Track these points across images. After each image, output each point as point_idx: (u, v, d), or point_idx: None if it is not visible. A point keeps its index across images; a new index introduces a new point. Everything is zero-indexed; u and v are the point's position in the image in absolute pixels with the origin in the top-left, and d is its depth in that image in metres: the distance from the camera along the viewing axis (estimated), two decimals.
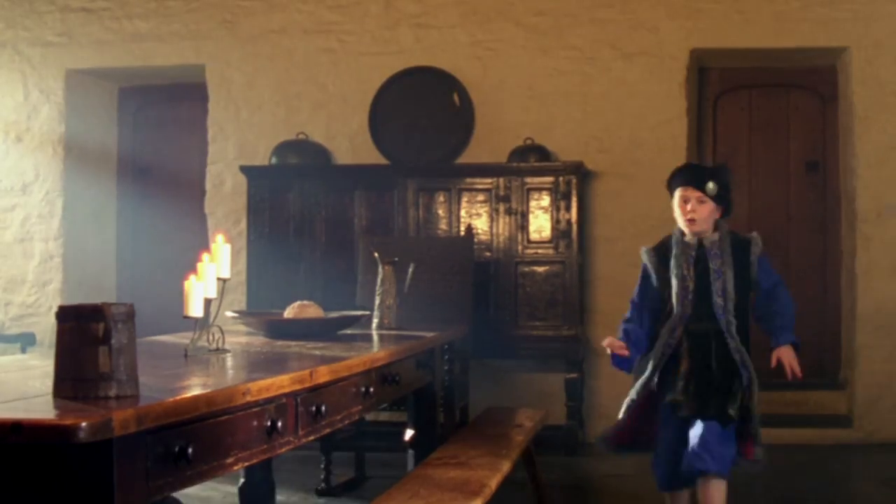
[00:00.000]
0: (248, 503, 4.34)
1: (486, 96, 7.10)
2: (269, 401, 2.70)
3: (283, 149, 7.03)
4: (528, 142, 6.83)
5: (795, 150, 7.40)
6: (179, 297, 3.25)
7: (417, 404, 4.59)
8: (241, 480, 4.35)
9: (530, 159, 6.74)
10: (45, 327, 7.51)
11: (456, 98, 7.10)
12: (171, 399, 2.22)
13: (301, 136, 7.11)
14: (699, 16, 6.97)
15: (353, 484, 5.70)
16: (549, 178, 6.64)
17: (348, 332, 4.30)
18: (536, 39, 7.08)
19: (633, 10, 7.01)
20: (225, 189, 7.40)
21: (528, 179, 6.65)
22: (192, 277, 3.35)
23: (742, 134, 7.45)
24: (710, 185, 4.14)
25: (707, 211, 4.17)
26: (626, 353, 4.12)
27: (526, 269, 6.62)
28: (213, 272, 3.42)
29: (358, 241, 6.40)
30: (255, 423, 2.65)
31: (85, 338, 2.21)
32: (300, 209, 6.84)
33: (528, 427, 4.39)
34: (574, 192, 6.61)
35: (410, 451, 4.62)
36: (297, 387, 2.83)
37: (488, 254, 6.62)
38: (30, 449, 1.97)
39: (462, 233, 6.56)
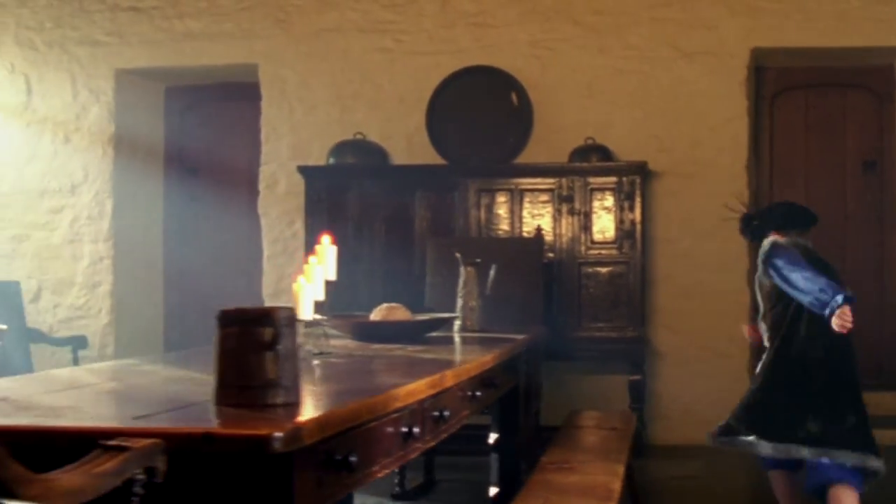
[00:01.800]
0: None
1: (545, 96, 7.03)
2: (407, 406, 2.65)
3: (340, 148, 6.97)
4: (590, 141, 6.76)
5: (852, 150, 7.33)
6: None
7: (502, 407, 4.53)
8: None
9: (592, 159, 6.68)
10: (96, 330, 7.47)
11: (514, 98, 7.03)
12: (342, 408, 2.16)
13: (358, 136, 7.05)
14: (760, 14, 6.90)
15: (424, 488, 5.64)
16: (613, 178, 6.58)
17: (431, 335, 4.25)
18: (595, 38, 7.01)
19: (692, 8, 6.94)
20: (279, 189, 7.34)
21: (591, 179, 6.58)
22: (300, 279, 3.31)
23: (798, 133, 7.37)
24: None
25: None
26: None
27: (589, 269, 6.55)
28: (322, 274, 3.38)
29: (418, 242, 6.35)
30: (392, 429, 2.60)
31: (250, 343, 2.14)
32: (359, 209, 6.77)
33: (624, 430, 4.34)
34: (638, 192, 6.55)
35: (494, 455, 4.56)
36: (431, 392, 2.79)
37: (551, 254, 6.54)
38: (213, 459, 1.91)
39: (524, 233, 6.50)
